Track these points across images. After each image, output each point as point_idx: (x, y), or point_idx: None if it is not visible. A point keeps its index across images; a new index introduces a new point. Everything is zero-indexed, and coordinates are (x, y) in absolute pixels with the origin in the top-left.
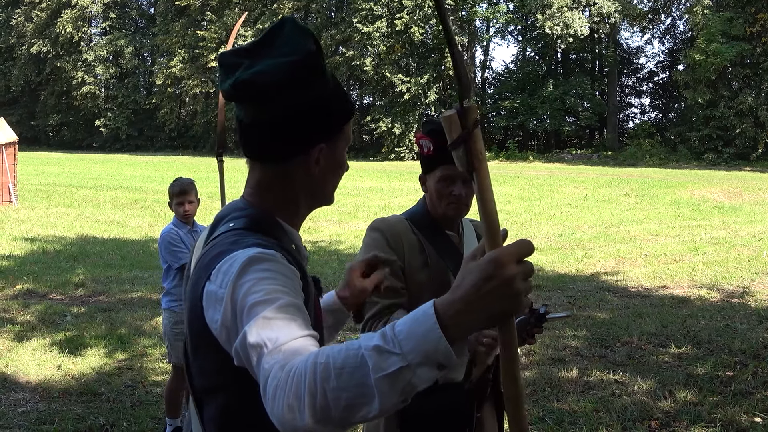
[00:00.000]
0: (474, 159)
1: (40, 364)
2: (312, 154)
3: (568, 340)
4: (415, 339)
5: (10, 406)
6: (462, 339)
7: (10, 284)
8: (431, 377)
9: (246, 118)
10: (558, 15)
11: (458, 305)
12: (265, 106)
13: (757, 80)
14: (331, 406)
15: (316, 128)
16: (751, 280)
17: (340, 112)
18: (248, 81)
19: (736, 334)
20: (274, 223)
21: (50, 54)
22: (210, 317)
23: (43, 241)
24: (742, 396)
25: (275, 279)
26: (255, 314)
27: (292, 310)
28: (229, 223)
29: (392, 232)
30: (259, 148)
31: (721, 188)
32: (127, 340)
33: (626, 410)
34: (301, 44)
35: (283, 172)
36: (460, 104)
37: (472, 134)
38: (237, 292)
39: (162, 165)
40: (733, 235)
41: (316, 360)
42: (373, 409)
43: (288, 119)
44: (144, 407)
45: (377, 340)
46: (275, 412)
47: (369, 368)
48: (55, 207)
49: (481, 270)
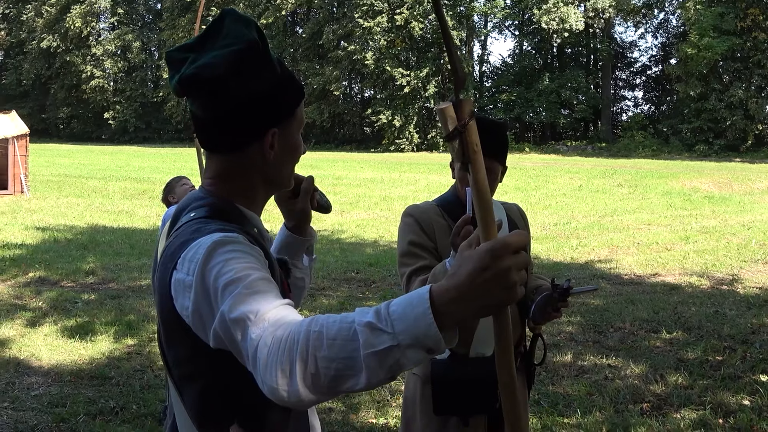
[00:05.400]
0: (469, 151)
1: (52, 349)
2: (266, 140)
3: (562, 326)
4: (407, 321)
5: (24, 390)
6: (453, 326)
7: (23, 272)
8: (419, 359)
9: (198, 112)
10: (554, 10)
11: (452, 293)
12: (214, 99)
13: (747, 74)
14: (321, 374)
15: (268, 115)
16: (740, 267)
17: (289, 96)
18: (193, 75)
19: (726, 320)
20: (235, 210)
21: (60, 48)
22: (180, 305)
23: (54, 231)
24: (731, 380)
25: (242, 258)
26: (230, 293)
27: (264, 284)
28: (190, 213)
29: (424, 217)
30: (214, 141)
31: (712, 179)
32: (136, 326)
33: (619, 393)
34: (242, 33)
35: (240, 161)
36: (456, 96)
37: (467, 126)
38: (207, 276)
39: (169, 156)
40: (723, 224)
41: (309, 328)
42: (360, 382)
43: (239, 109)
44: (152, 390)
45: (371, 317)
46: (267, 378)
47: (360, 343)
48: (66, 197)
49: (477, 260)
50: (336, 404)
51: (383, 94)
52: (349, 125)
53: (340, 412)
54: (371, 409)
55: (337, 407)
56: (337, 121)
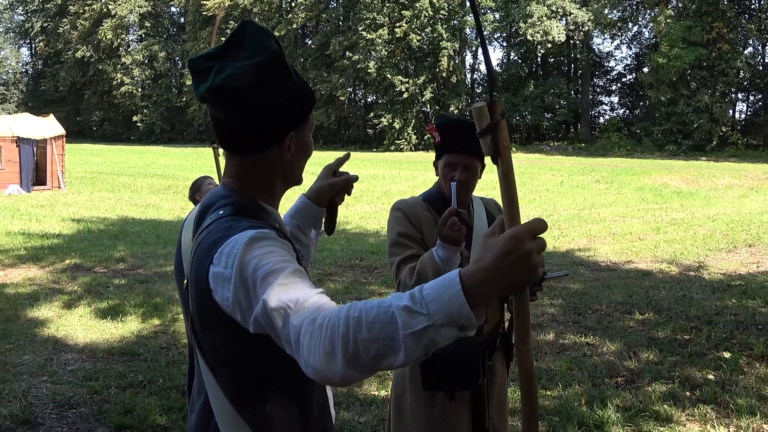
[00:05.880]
0: (500, 146)
1: (86, 329)
2: (285, 143)
3: (545, 307)
4: (441, 302)
5: (61, 365)
6: (481, 305)
7: (60, 259)
8: (453, 336)
9: (222, 117)
10: (538, 24)
11: (481, 275)
12: (239, 107)
13: (712, 81)
14: (362, 354)
15: (287, 121)
16: (706, 255)
17: (304, 102)
18: (220, 86)
19: (692, 302)
20: (257, 206)
21: (93, 58)
22: (220, 296)
23: (88, 222)
24: (697, 356)
25: (276, 252)
26: (269, 283)
27: (299, 274)
28: (218, 211)
29: (411, 211)
30: (236, 144)
31: (680, 176)
32: (162, 308)
33: (596, 369)
34: (264, 45)
35: (260, 161)
36: (490, 97)
37: (499, 124)
38: (245, 269)
39: (192, 155)
40: (690, 217)
41: (348, 314)
42: (398, 359)
43: (262, 116)
44: (177, 366)
45: (406, 301)
46: (311, 360)
47: (398, 325)
48: (99, 192)
49: (502, 245)
50: None
51: (384, 100)
52: (354, 127)
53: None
54: (373, 383)
55: None
56: (342, 123)
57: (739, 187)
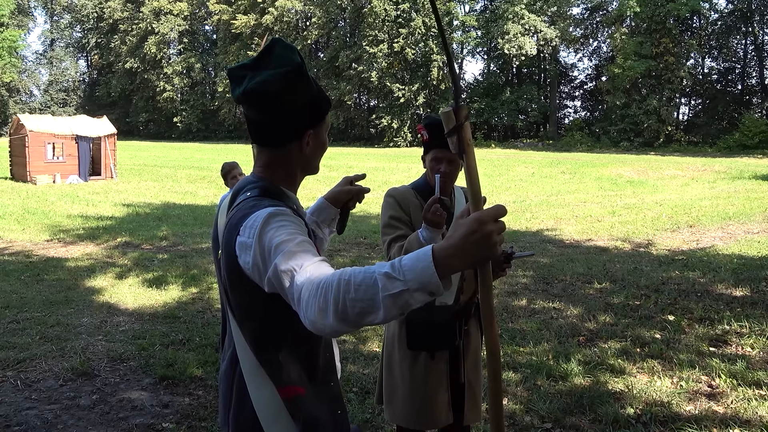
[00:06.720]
0: (464, 144)
1: (135, 296)
2: (304, 138)
3: (519, 278)
4: (415, 272)
5: (114, 326)
6: (449, 275)
7: (113, 237)
8: (424, 300)
9: (253, 116)
10: (514, 40)
11: (450, 251)
12: (269, 108)
13: (660, 88)
14: (349, 311)
15: (307, 120)
16: (654, 234)
17: (322, 105)
18: (253, 90)
19: (642, 274)
20: (279, 191)
21: (139, 69)
22: (243, 261)
23: (136, 206)
24: (646, 319)
25: (290, 225)
26: (281, 250)
27: (306, 245)
28: (246, 193)
29: (401, 197)
30: (265, 138)
31: (633, 167)
32: (199, 278)
33: (561, 329)
34: (291, 58)
35: (283, 153)
36: (455, 103)
37: (463, 126)
38: (264, 238)
39: (223, 150)
40: (641, 202)
41: (341, 277)
42: (378, 317)
43: (287, 116)
44: (211, 327)
45: (387, 269)
46: (308, 314)
47: (379, 288)
48: (145, 181)
49: (468, 226)
50: (349, 337)
51: (384, 104)
52: (359, 127)
53: (352, 342)
54: (375, 341)
55: (349, 339)
56: (349, 124)
57: (681, 177)
